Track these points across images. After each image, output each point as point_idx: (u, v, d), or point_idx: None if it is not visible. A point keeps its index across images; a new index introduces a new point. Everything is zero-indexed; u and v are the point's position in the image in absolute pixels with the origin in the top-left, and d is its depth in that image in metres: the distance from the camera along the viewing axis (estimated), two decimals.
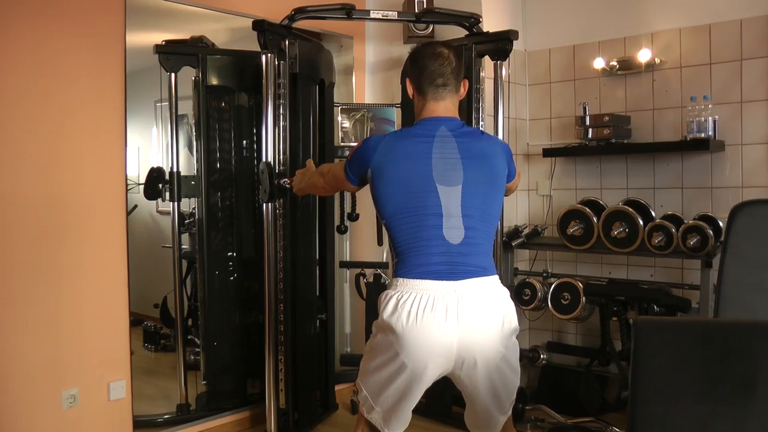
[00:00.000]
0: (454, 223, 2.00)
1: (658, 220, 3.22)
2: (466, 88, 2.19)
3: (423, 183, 2.01)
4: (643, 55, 3.50)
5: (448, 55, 2.10)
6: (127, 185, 3.04)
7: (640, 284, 3.39)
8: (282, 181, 2.93)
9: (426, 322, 1.94)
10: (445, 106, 2.12)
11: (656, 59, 3.49)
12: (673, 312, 3.17)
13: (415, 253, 2.01)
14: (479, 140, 2.11)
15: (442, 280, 1.97)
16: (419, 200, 2.01)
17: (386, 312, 1.99)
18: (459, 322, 1.94)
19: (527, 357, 3.79)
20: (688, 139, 3.25)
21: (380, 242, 3.75)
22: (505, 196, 2.24)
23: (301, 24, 3.18)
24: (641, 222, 3.23)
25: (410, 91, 2.17)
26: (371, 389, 2.08)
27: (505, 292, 2.08)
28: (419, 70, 2.12)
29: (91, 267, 2.95)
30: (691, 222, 3.13)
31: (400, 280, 2.01)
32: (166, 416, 3.25)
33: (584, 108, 3.52)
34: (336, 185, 2.30)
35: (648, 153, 3.50)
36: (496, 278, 2.06)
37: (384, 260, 3.94)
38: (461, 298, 1.96)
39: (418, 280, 1.98)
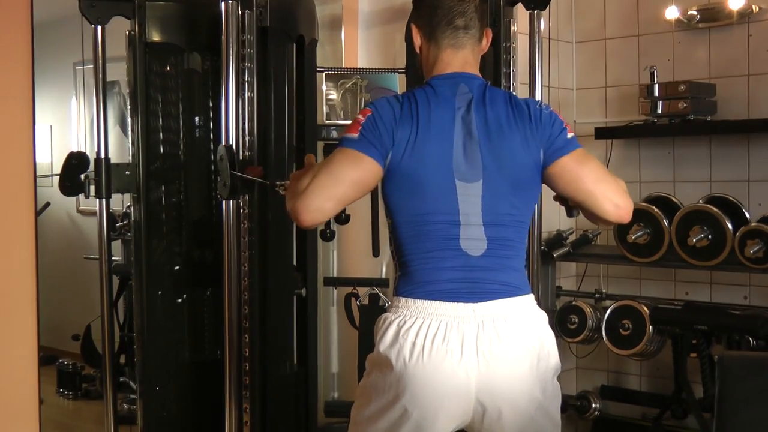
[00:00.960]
0: (474, 233, 2.00)
1: (753, 224, 3.24)
2: (489, 40, 2.15)
3: (443, 177, 1.99)
4: (736, 1, 3.50)
5: None
6: (36, 176, 3.02)
7: (729, 309, 3.40)
8: (277, 185, 2.76)
9: (436, 357, 1.93)
10: (464, 56, 2.08)
11: (754, 6, 3.49)
12: None
13: (424, 266, 2.01)
14: (506, 109, 2.04)
15: (458, 301, 1.96)
16: (435, 204, 2.00)
17: (384, 342, 1.99)
18: (479, 357, 1.93)
19: (573, 406, 3.82)
20: None
21: (376, 253, 3.75)
22: (574, 206, 2.12)
23: None
24: (730, 226, 3.24)
25: (417, 40, 2.13)
26: None
27: (543, 318, 2.06)
28: (432, 8, 2.08)
29: None
30: None
31: (403, 300, 2.01)
32: None
33: (652, 73, 3.53)
34: (347, 191, 2.02)
35: (740, 134, 3.52)
36: (530, 299, 2.06)
37: (383, 276, 3.93)
38: (482, 325, 1.95)
39: (426, 302, 1.98)
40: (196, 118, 3.41)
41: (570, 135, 2.08)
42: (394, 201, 2.03)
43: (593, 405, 3.81)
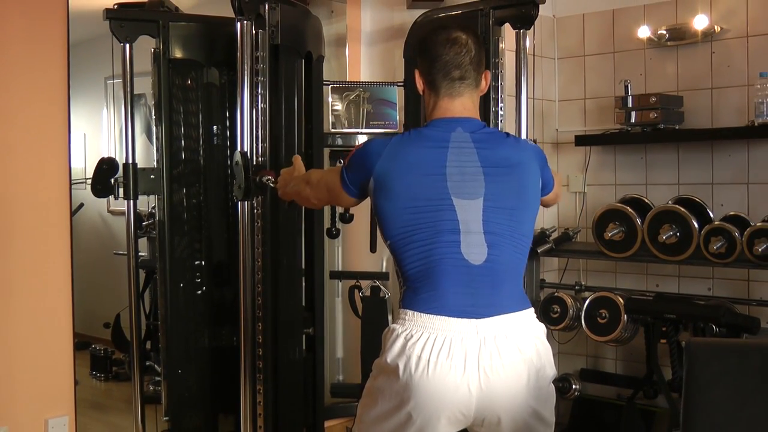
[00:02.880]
0: (474, 240, 1.96)
1: (717, 223, 3.22)
2: (488, 82, 2.16)
3: (435, 196, 1.98)
4: (700, 22, 3.50)
5: (466, 41, 2.06)
6: (71, 180, 3.03)
7: (695, 299, 3.39)
8: (264, 179, 2.87)
9: (440, 371, 1.90)
10: (462, 103, 2.08)
11: (716, 27, 3.48)
12: (737, 333, 3.17)
13: (430, 280, 1.97)
14: (504, 145, 2.07)
15: (462, 317, 1.93)
16: (431, 215, 1.98)
17: (392, 353, 1.95)
18: (480, 372, 1.91)
19: (556, 387, 3.77)
20: (755, 124, 3.25)
21: (373, 248, 3.75)
22: (545, 207, 2.23)
23: None
24: (696, 224, 3.24)
25: (420, 85, 2.13)
26: None
27: (541, 332, 2.03)
28: (431, 60, 2.07)
29: (27, 279, 2.94)
30: (758, 224, 3.12)
31: (410, 313, 1.97)
32: None
33: (626, 87, 3.53)
34: (329, 197, 2.26)
35: (705, 141, 3.51)
36: (529, 313, 2.02)
37: (384, 270, 3.93)
38: (484, 342, 1.92)
39: (433, 317, 1.94)
40: (214, 127, 3.43)
41: (551, 171, 2.20)
42: (387, 219, 2.02)
43: (573, 386, 3.78)
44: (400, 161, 2.00)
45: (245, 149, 2.95)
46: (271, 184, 2.79)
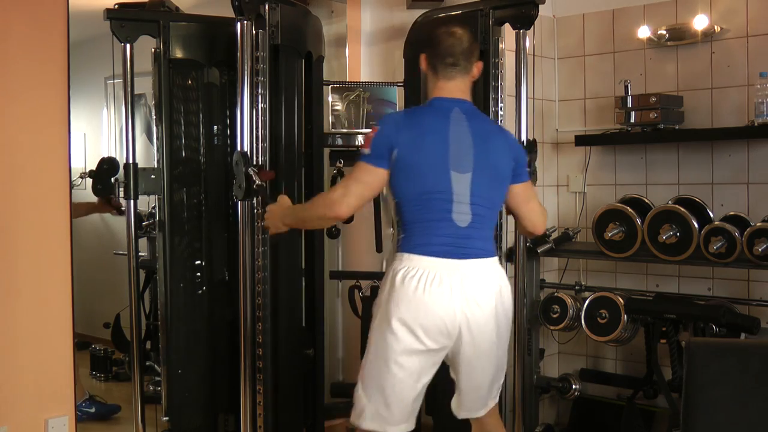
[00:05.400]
0: (463, 209, 2.47)
1: (717, 223, 3.22)
2: (480, 70, 2.60)
3: (439, 167, 2.45)
4: (700, 22, 3.49)
5: (461, 35, 2.53)
6: (71, 180, 3.02)
7: (695, 299, 3.39)
8: (255, 185, 2.89)
9: (434, 295, 2.40)
10: (455, 85, 2.55)
11: (716, 27, 3.48)
12: (737, 333, 3.16)
13: (422, 232, 2.46)
14: (489, 126, 2.60)
15: (447, 258, 2.43)
16: (433, 185, 2.45)
17: (395, 282, 2.42)
18: (462, 299, 2.42)
19: (556, 387, 3.79)
20: (755, 124, 3.24)
21: (379, 249, 3.75)
22: (511, 212, 2.70)
23: None
24: (696, 224, 3.23)
25: (423, 67, 2.59)
26: (371, 379, 2.47)
27: (503, 273, 2.57)
28: (433, 47, 2.55)
29: (27, 278, 2.94)
30: (758, 224, 3.11)
31: (405, 255, 2.46)
32: None
33: (626, 87, 3.52)
34: (365, 191, 2.49)
35: (705, 141, 3.50)
36: (495, 260, 2.56)
37: (383, 270, 3.92)
38: (465, 277, 2.43)
39: (423, 257, 2.43)
40: (215, 127, 3.43)
41: (528, 169, 2.67)
42: (400, 184, 2.47)
43: (573, 386, 3.76)
44: (417, 129, 2.47)
45: (245, 149, 2.97)
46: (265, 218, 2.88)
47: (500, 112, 3.30)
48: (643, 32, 3.66)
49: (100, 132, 3.17)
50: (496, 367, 2.59)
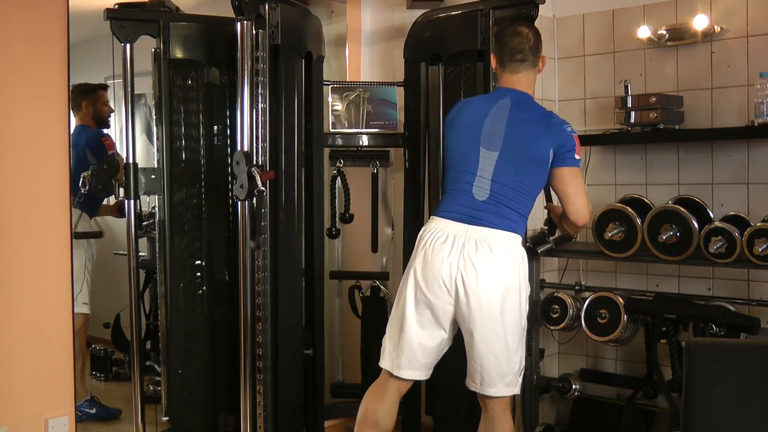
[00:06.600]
0: (483, 184, 2.71)
1: (717, 223, 3.22)
2: (545, 63, 2.88)
3: (471, 142, 2.75)
4: (700, 22, 3.49)
5: (527, 33, 2.81)
6: (71, 180, 3.02)
7: (695, 299, 3.39)
8: (257, 190, 2.90)
9: (436, 248, 2.67)
10: (518, 78, 2.83)
11: (716, 27, 3.47)
12: (737, 333, 3.16)
13: (447, 199, 2.78)
14: (530, 115, 2.77)
15: (460, 222, 2.69)
16: (464, 157, 2.76)
17: (418, 240, 2.76)
18: (459, 255, 2.65)
19: (556, 387, 3.79)
20: (755, 124, 3.24)
21: (375, 249, 3.75)
22: (550, 208, 3.03)
23: None
24: (696, 224, 3.23)
25: (494, 64, 2.89)
26: (391, 321, 2.79)
27: (514, 249, 2.70)
28: (501, 45, 2.83)
29: (26, 278, 2.94)
30: (759, 224, 3.11)
31: (432, 217, 2.79)
32: None
33: (626, 87, 3.52)
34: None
35: (705, 141, 3.50)
36: (508, 234, 2.69)
37: (383, 269, 3.93)
38: (468, 239, 2.66)
39: (442, 220, 2.73)
40: (215, 127, 3.43)
41: (577, 157, 2.76)
42: (445, 155, 2.88)
43: (573, 386, 3.76)
44: (464, 111, 2.85)
45: (245, 149, 2.97)
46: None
47: None
48: (643, 32, 3.66)
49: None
50: (498, 347, 2.69)
